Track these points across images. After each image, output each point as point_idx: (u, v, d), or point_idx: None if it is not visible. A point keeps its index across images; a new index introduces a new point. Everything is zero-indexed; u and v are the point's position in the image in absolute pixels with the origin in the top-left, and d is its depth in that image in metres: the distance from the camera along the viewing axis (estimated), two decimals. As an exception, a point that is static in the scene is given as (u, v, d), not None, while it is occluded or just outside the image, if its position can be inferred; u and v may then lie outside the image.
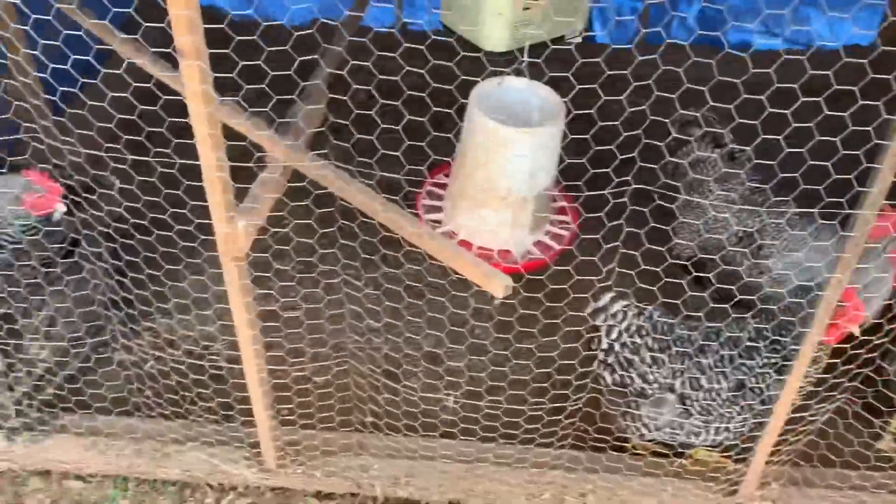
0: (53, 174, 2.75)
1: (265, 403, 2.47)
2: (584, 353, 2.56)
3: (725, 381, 2.42)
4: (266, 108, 2.19)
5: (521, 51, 3.09)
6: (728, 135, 3.11)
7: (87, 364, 2.94)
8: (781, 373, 2.35)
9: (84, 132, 2.45)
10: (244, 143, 2.29)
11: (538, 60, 2.80)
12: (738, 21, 4.98)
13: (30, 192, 2.70)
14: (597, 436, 2.62)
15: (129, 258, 2.53)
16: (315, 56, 2.35)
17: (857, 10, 4.70)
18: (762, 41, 5.21)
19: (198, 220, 2.20)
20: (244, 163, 2.19)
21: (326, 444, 2.71)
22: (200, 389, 2.83)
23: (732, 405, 2.45)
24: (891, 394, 2.56)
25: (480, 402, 2.72)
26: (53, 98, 3.32)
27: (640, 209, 2.16)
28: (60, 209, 2.76)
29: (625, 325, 2.45)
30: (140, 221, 2.62)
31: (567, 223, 3.44)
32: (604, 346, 2.50)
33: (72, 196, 2.83)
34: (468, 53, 2.10)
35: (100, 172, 2.97)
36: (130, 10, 2.44)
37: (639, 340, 2.45)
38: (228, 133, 1.93)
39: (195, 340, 3.14)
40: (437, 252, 1.96)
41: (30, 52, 3.06)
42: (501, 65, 2.70)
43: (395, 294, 2.88)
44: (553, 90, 3.16)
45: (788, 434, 2.48)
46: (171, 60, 2.09)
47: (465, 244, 3.33)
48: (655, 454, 2.73)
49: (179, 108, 1.86)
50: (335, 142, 2.80)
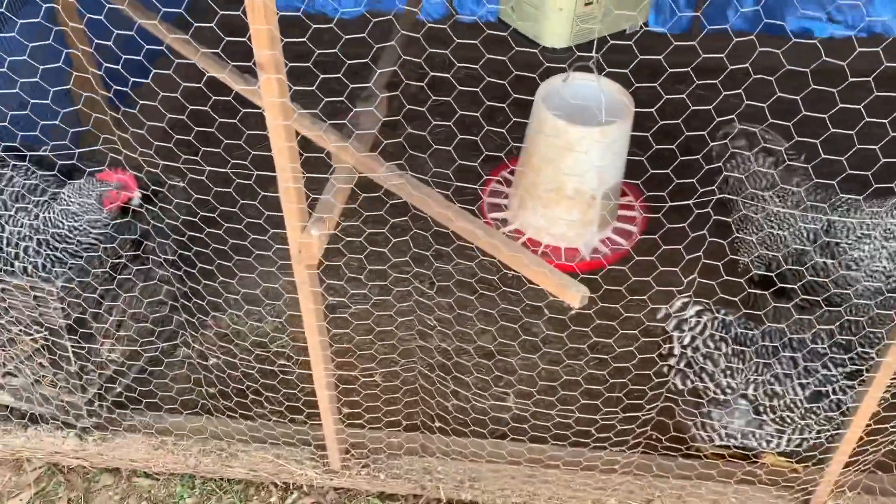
0: (126, 167, 2.77)
1: (332, 406, 2.48)
2: (657, 359, 2.51)
3: (802, 390, 2.36)
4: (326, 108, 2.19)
5: (590, 45, 3.01)
6: (783, 145, 3.01)
7: (156, 363, 2.98)
8: (860, 382, 2.28)
9: (152, 124, 2.45)
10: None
11: (594, 55, 2.75)
12: (799, 7, 4.83)
13: (107, 195, 2.72)
14: (669, 444, 2.58)
15: (198, 250, 2.55)
16: (366, 52, 2.30)
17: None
18: (824, 28, 5.06)
19: (268, 213, 2.21)
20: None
21: (391, 447, 2.71)
22: (266, 382, 2.84)
23: (808, 414, 2.39)
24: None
25: (547, 407, 2.71)
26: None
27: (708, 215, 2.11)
28: (138, 195, 2.78)
29: (699, 331, 2.40)
30: (209, 214, 2.60)
31: (634, 220, 3.39)
32: (676, 352, 2.45)
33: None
34: (525, 49, 2.03)
35: (169, 163, 2.99)
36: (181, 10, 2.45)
37: (713, 347, 2.40)
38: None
39: (260, 336, 3.17)
40: (512, 261, 1.94)
41: (89, 50, 3.09)
42: (561, 60, 2.64)
43: (461, 294, 2.87)
44: (621, 86, 3.10)
45: (867, 444, 2.41)
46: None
47: (533, 243, 3.30)
48: (725, 458, 2.68)
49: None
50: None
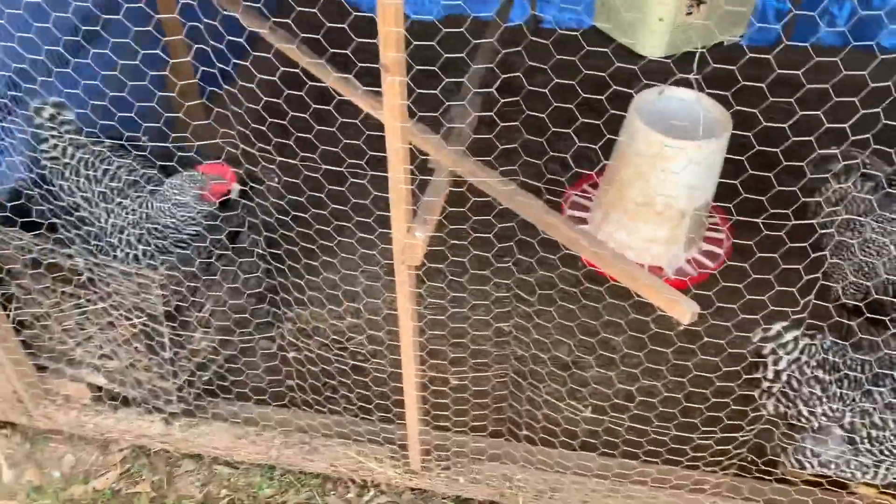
0: (224, 162, 2.85)
1: (418, 407, 2.49)
2: (747, 380, 2.46)
3: (901, 421, 2.28)
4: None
5: (686, 56, 2.95)
6: (883, 171, 2.91)
7: (246, 353, 3.04)
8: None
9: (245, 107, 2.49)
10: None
11: (695, 72, 2.69)
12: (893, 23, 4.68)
13: (207, 185, 2.80)
14: (763, 468, 2.52)
15: (288, 247, 2.60)
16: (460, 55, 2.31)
17: None
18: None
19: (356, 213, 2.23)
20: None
21: (474, 451, 2.71)
22: (343, 379, 2.86)
23: (906, 446, 2.30)
24: None
25: (639, 422, 2.67)
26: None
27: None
28: (237, 188, 2.85)
29: (795, 356, 2.34)
30: (300, 214, 2.64)
31: (721, 242, 3.31)
32: (770, 375, 2.39)
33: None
34: (622, 60, 1.99)
35: (267, 165, 3.06)
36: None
37: (808, 371, 2.33)
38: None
39: (338, 334, 3.21)
40: (618, 273, 1.91)
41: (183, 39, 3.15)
42: (655, 70, 2.62)
43: (547, 300, 2.86)
44: (718, 102, 3.04)
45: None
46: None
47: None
48: (823, 486, 2.60)
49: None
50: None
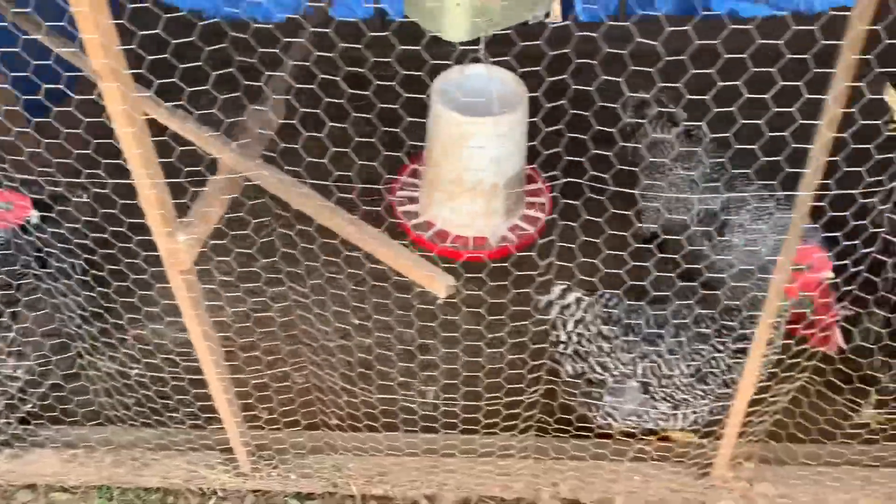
0: (20, 189, 2.79)
1: (231, 409, 2.50)
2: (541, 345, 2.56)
3: (684, 367, 2.42)
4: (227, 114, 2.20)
5: (493, 37, 3.05)
6: (682, 113, 3.08)
7: (59, 380, 2.97)
8: (737, 356, 2.34)
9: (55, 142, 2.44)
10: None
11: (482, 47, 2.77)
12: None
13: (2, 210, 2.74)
14: (562, 427, 2.63)
15: (109, 267, 2.56)
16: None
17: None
18: (748, 7, 5.11)
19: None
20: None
21: (295, 447, 2.74)
22: (180, 396, 2.85)
23: (693, 390, 2.44)
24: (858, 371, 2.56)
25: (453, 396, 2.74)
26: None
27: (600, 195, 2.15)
28: (34, 214, 2.80)
29: (579, 316, 2.45)
30: (117, 228, 2.60)
31: (542, 206, 3.45)
32: (562, 337, 2.50)
33: (44, 213, 2.87)
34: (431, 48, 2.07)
35: (72, 180, 2.99)
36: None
37: (594, 329, 2.45)
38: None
39: (171, 348, 3.17)
40: (379, 253, 1.97)
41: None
42: (463, 54, 2.69)
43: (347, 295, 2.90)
44: (515, 75, 3.15)
45: (754, 415, 2.47)
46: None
47: (442, 234, 3.35)
48: (636, 438, 2.74)
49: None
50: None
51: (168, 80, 2.01)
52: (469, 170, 3.05)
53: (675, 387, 2.46)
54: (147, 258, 2.43)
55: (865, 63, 1.70)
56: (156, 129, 1.93)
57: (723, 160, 2.96)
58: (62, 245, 2.75)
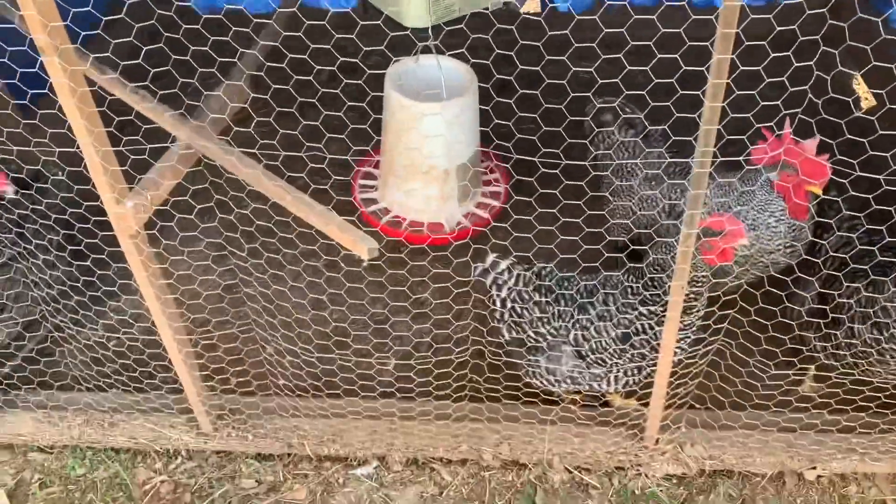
0: (-1, 168, 2.96)
1: (188, 370, 2.66)
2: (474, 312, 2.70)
3: (613, 331, 2.55)
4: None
5: (454, 23, 3.20)
6: (639, 115, 3.22)
7: (34, 349, 3.14)
8: (661, 322, 2.47)
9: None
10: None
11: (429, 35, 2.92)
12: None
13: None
14: (506, 390, 2.77)
15: (87, 241, 2.71)
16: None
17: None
18: None
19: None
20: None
21: (250, 407, 2.90)
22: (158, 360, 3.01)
23: (623, 354, 2.57)
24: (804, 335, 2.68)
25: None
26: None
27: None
28: (10, 190, 2.97)
29: (512, 283, 2.59)
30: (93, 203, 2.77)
31: (497, 193, 3.58)
32: (498, 305, 2.64)
33: (24, 190, 3.04)
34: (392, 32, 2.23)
35: (49, 159, 3.16)
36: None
37: (526, 296, 2.58)
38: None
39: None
40: (309, 218, 2.12)
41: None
42: (424, 40, 2.84)
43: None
44: (465, 64, 3.29)
45: (678, 378, 2.60)
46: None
47: (398, 219, 3.49)
48: (578, 403, 2.88)
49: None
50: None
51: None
52: (421, 154, 3.19)
53: (606, 351, 2.59)
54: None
55: (833, 57, 1.86)
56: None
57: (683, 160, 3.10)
58: (41, 221, 2.92)
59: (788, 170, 2.70)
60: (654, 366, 2.55)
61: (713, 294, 2.68)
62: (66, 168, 3.16)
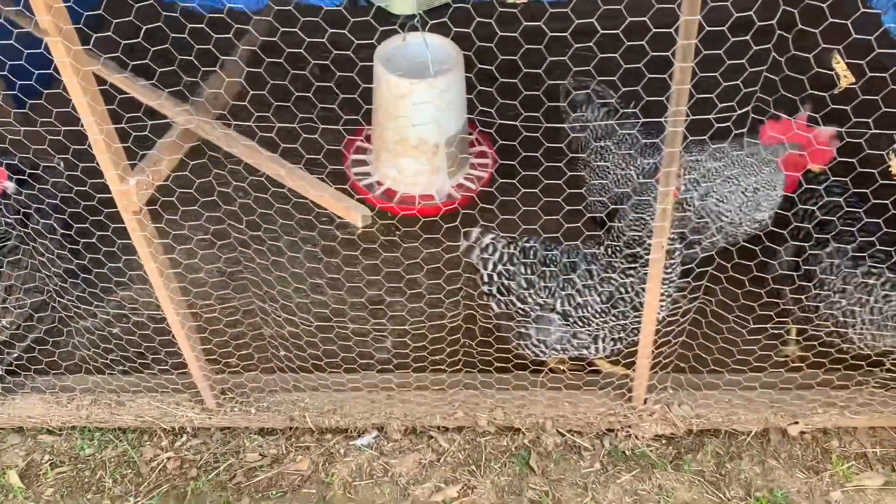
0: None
1: (190, 346, 2.76)
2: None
3: (597, 295, 2.65)
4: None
5: (439, 10, 3.31)
6: (614, 98, 3.33)
7: (42, 333, 3.24)
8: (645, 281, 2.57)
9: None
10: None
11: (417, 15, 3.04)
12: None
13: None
14: (502, 363, 2.88)
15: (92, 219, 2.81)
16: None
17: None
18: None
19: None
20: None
21: (252, 381, 3.02)
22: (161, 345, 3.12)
23: (607, 316, 2.68)
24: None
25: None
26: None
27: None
28: (10, 186, 3.08)
29: (497, 256, 2.69)
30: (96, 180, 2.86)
31: (486, 166, 3.70)
32: (484, 279, 2.74)
33: (17, 175, 3.14)
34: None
35: (39, 147, 3.27)
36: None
37: (512, 268, 2.69)
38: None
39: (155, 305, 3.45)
40: (303, 189, 2.22)
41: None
42: (412, 28, 2.96)
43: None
44: (450, 41, 3.40)
45: (661, 336, 2.70)
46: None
47: (391, 192, 3.61)
48: (565, 370, 2.99)
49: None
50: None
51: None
52: (409, 129, 3.30)
53: (591, 315, 2.69)
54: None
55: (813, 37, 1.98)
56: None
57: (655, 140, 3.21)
58: (37, 206, 3.02)
59: (796, 149, 2.86)
60: (639, 325, 2.66)
61: (687, 266, 2.80)
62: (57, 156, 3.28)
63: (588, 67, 2.39)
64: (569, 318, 2.73)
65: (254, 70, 3.11)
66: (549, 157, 2.57)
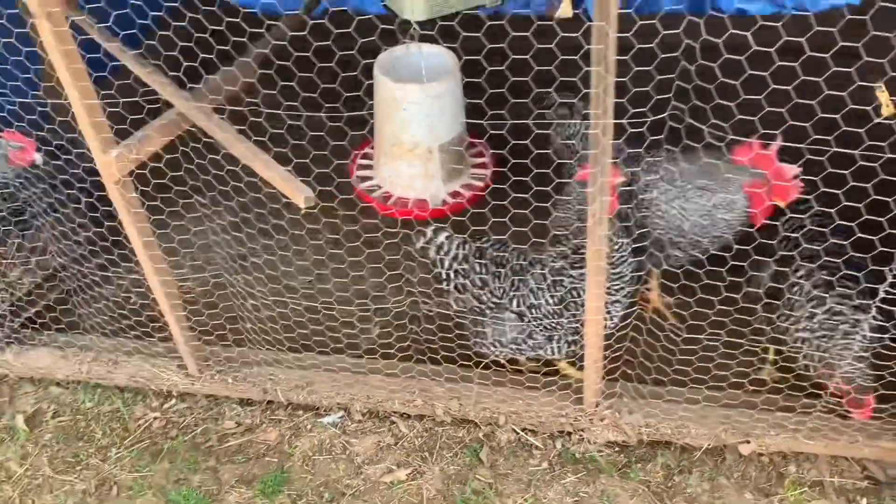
0: (26, 130, 3.38)
1: (175, 314, 2.99)
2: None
3: (550, 297, 2.73)
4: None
5: (449, 18, 3.45)
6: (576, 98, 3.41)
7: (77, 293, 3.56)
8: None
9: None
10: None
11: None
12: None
13: (11, 150, 3.36)
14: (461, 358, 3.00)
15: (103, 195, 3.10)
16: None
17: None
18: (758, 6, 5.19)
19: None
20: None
21: (229, 350, 3.25)
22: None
23: (560, 318, 2.74)
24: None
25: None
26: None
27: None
28: (39, 158, 3.41)
29: (452, 255, 2.80)
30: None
31: (483, 175, 3.81)
32: (442, 277, 2.85)
33: (45, 147, 3.47)
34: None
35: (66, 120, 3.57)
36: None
37: (467, 266, 2.79)
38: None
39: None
40: (255, 165, 2.39)
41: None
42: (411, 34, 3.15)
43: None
44: (448, 50, 3.55)
45: (615, 340, 2.75)
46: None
47: (388, 194, 3.77)
48: (519, 372, 3.06)
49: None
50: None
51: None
52: (404, 133, 3.46)
53: (545, 316, 2.77)
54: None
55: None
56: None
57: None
58: (63, 178, 3.33)
59: (760, 177, 2.81)
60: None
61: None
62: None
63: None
64: (524, 318, 2.81)
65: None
66: (537, 165, 2.65)
